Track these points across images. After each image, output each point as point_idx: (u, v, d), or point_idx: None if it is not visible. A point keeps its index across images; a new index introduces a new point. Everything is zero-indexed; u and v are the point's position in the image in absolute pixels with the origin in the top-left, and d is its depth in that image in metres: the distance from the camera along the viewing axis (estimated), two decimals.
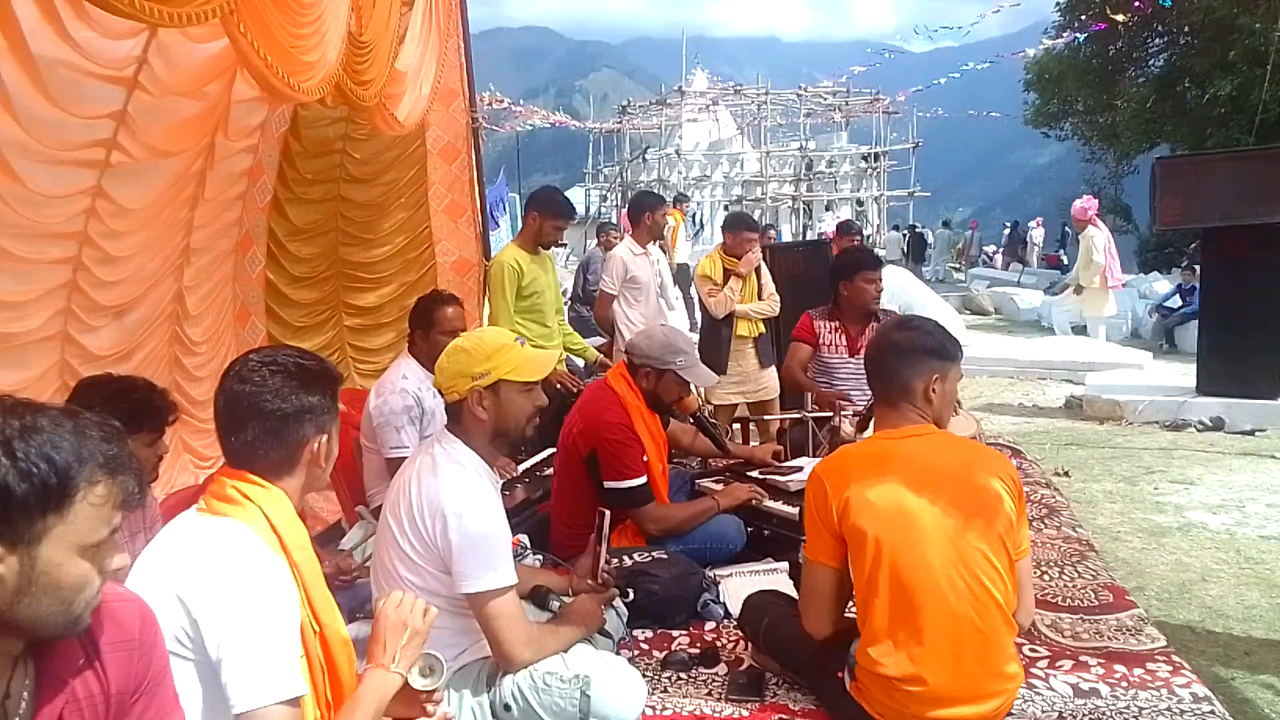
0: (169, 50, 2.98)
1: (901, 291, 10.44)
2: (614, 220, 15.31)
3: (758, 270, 5.49)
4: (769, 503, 3.65)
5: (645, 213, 5.72)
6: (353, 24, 3.21)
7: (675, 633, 3.11)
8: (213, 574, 1.57)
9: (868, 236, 30.52)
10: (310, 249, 5.13)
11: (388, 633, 1.73)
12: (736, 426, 5.58)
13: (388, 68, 3.64)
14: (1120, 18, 14.83)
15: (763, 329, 5.45)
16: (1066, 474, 5.55)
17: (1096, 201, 10.93)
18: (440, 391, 2.43)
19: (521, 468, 4.33)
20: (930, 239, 27.18)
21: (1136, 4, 14.84)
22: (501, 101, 24.52)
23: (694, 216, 32.50)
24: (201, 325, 4.36)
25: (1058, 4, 19.72)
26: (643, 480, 3.42)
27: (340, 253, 5.41)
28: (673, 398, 3.62)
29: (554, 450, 3.83)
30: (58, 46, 2.51)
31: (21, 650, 1.21)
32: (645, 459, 3.46)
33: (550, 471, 3.95)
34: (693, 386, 3.83)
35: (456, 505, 2.26)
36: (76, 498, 1.17)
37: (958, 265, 26.42)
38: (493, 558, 2.26)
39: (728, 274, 5.37)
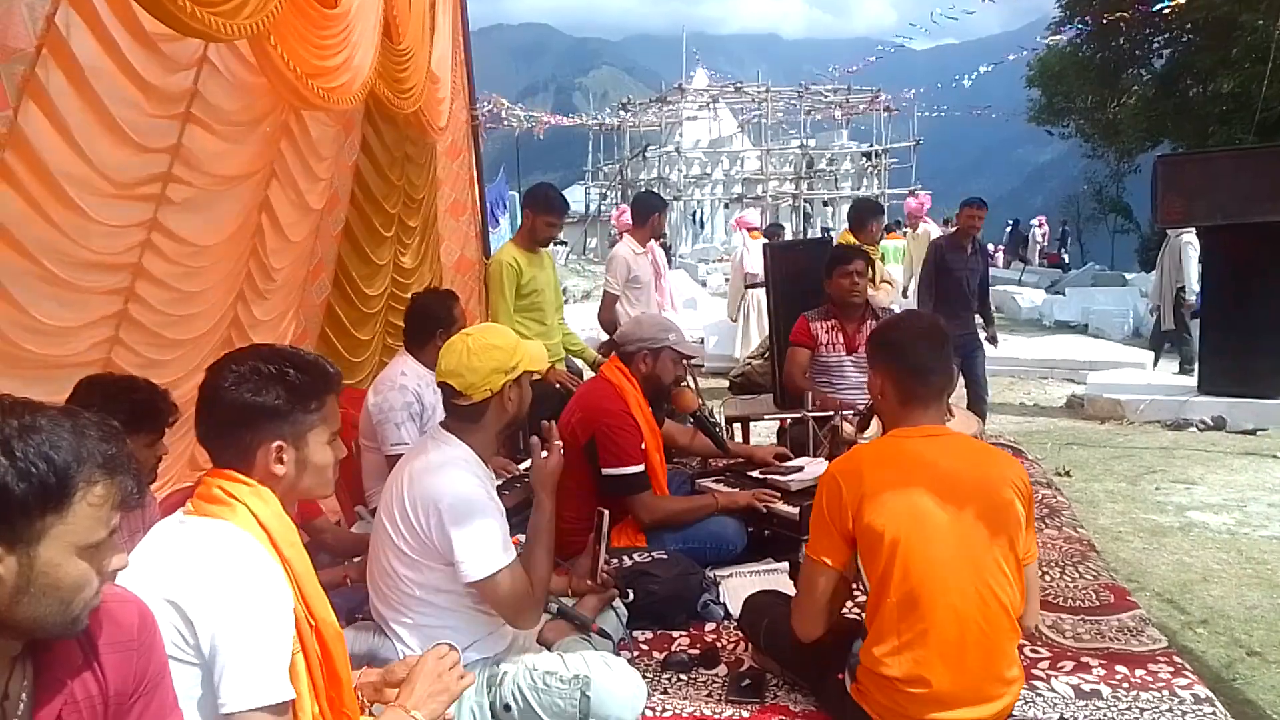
0: (220, 78, 2.99)
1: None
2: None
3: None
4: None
5: (654, 214, 5.85)
6: (390, 31, 3.19)
7: (675, 633, 3.10)
8: (206, 576, 1.56)
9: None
10: (380, 285, 5.06)
11: (420, 679, 1.82)
12: (736, 425, 5.57)
13: (425, 72, 3.62)
14: (1124, 14, 14.81)
15: None
16: (1068, 473, 5.55)
17: (929, 199, 11.51)
18: (462, 390, 2.41)
19: (522, 467, 4.32)
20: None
21: (1138, 5, 14.81)
22: (501, 105, 24.55)
23: (694, 215, 32.53)
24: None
25: (1059, 1, 19.69)
26: (640, 468, 3.44)
27: (393, 276, 5.33)
28: (670, 377, 3.68)
29: None
30: (116, 80, 2.54)
31: (20, 651, 1.21)
32: (643, 447, 3.47)
33: None
34: (694, 385, 3.83)
35: (449, 497, 2.29)
36: (75, 498, 1.16)
37: None
38: (492, 540, 2.29)
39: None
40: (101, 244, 2.86)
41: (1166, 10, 14.14)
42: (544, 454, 2.51)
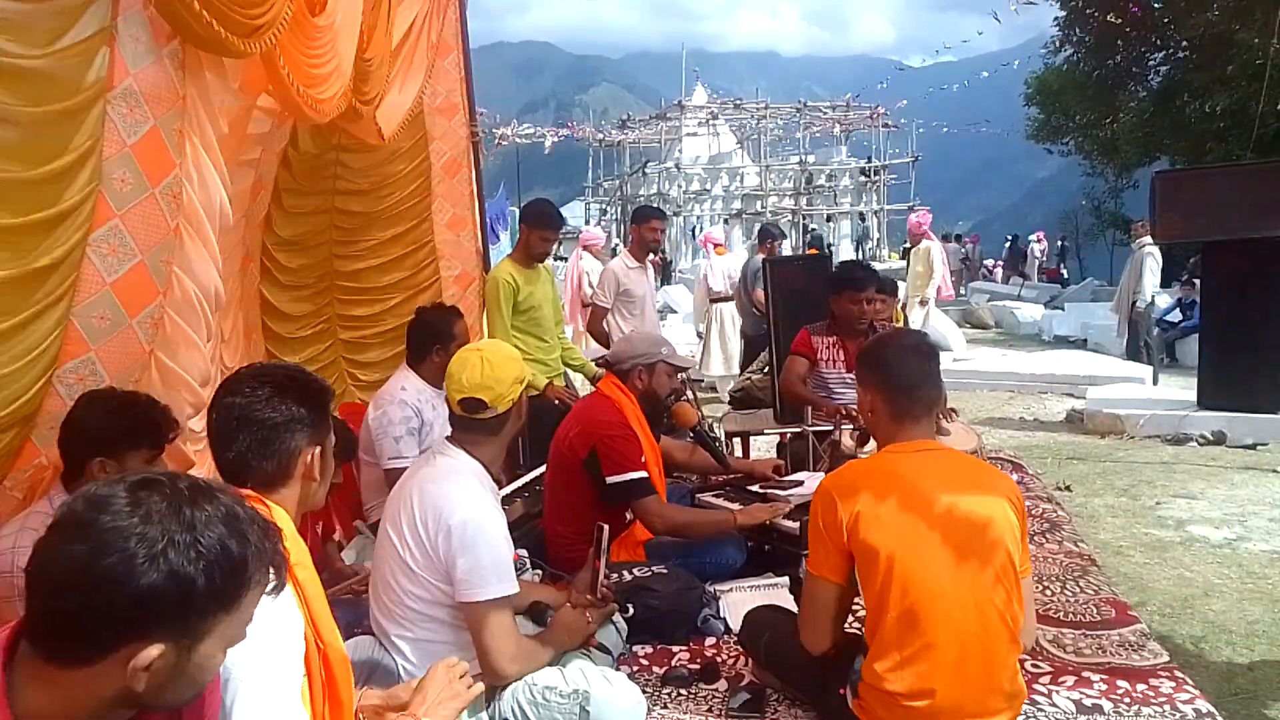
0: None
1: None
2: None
3: None
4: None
5: (633, 225, 5.88)
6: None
7: (675, 648, 3.09)
8: None
9: (869, 250, 30.64)
10: (300, 260, 5.03)
11: (431, 686, 1.88)
12: (736, 440, 5.56)
13: (384, 81, 3.65)
14: (1119, 21, 14.89)
15: None
16: (1068, 488, 5.54)
17: (929, 216, 11.74)
18: (491, 402, 2.41)
19: (521, 481, 4.32)
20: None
21: (1133, 9, 14.89)
22: (506, 124, 24.73)
23: (693, 231, 32.59)
24: (236, 347, 4.24)
25: (1056, 19, 19.80)
26: (644, 474, 3.44)
27: (334, 264, 5.31)
28: (666, 390, 3.70)
29: None
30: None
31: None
32: (643, 459, 3.47)
33: None
34: (694, 400, 3.83)
35: (462, 515, 2.28)
36: (246, 598, 1.17)
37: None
38: (496, 568, 2.28)
39: None
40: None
41: (1165, 21, 14.21)
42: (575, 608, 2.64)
